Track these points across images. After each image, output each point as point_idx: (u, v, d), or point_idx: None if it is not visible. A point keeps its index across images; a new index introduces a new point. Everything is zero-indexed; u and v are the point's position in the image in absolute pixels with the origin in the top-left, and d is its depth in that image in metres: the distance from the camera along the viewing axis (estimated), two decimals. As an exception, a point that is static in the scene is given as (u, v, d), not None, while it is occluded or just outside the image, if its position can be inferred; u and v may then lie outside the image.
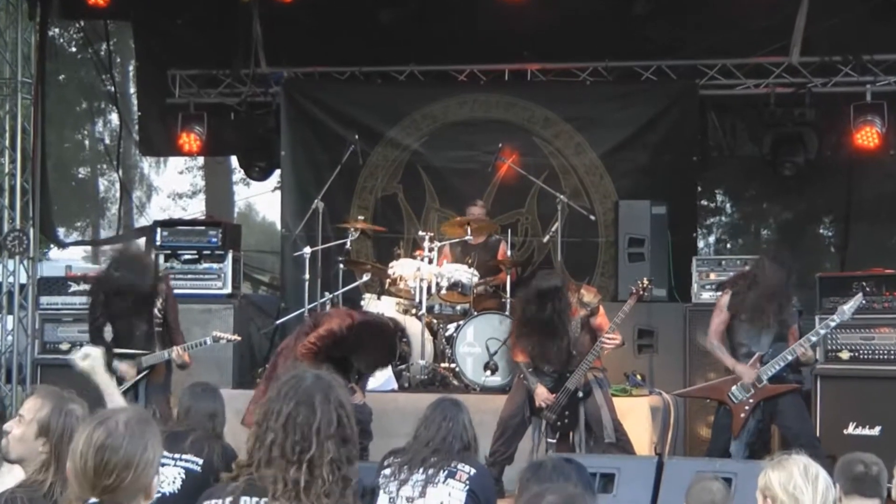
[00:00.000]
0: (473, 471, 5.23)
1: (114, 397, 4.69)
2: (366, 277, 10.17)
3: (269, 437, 2.92)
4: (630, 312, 7.88)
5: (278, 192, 12.82)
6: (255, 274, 14.75)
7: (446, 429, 5.26)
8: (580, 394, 7.69)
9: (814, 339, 7.51)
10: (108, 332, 8.02)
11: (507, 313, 9.50)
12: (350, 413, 2.99)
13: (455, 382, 9.34)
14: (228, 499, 2.94)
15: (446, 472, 5.18)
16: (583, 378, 7.68)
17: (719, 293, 8.02)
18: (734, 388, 7.52)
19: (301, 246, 10.40)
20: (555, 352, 7.62)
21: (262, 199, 24.51)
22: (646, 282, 7.94)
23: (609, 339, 7.64)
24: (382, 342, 7.81)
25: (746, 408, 7.48)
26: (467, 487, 5.17)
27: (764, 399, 7.49)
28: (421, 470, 5.20)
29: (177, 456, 5.49)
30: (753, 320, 7.48)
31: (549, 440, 7.74)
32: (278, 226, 12.28)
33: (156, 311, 7.96)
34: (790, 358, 7.42)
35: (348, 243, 10.23)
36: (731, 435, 7.49)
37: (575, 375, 7.66)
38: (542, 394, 7.68)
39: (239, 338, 8.38)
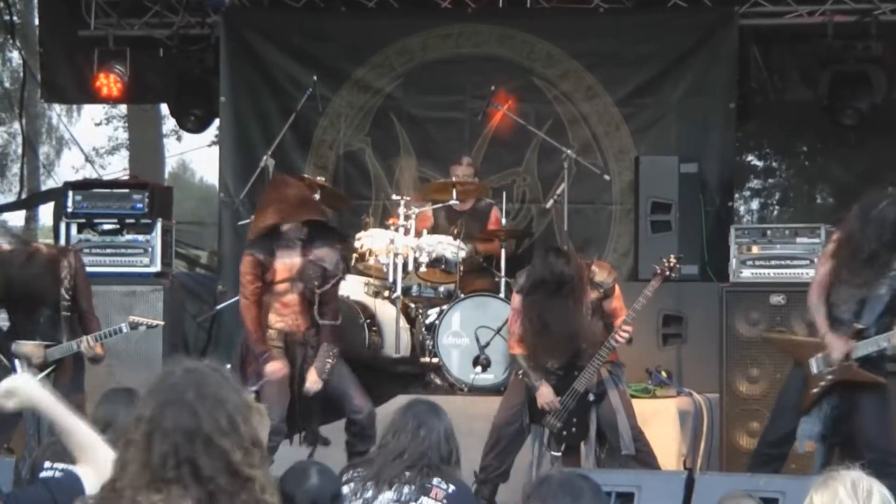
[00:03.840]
0: (452, 488, 5.28)
1: (67, 422, 4.43)
2: (327, 252, 10.16)
3: (131, 451, 2.87)
4: (653, 296, 7.88)
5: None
6: (190, 250, 14.72)
7: (422, 441, 5.31)
8: (591, 396, 7.70)
9: None
10: (2, 319, 8.03)
11: (501, 296, 9.51)
12: (239, 408, 2.93)
13: (438, 381, 9.38)
14: None
15: (419, 488, 5.23)
16: (594, 377, 7.69)
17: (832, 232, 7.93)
18: (818, 356, 7.43)
19: (245, 214, 10.40)
20: (561, 344, 7.62)
21: (198, 155, 24.46)
22: (673, 259, 7.94)
23: (621, 332, 7.63)
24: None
25: (822, 383, 7.39)
26: (444, 507, 5.23)
27: (844, 383, 7.43)
28: (392, 489, 5.25)
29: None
30: (850, 275, 7.36)
31: (554, 453, 7.76)
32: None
33: (62, 290, 7.95)
34: (885, 345, 7.27)
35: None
36: (800, 404, 7.45)
37: (585, 374, 7.66)
38: (546, 395, 7.69)
39: (161, 322, 8.38)
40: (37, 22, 15.19)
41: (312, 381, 7.82)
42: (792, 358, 7.83)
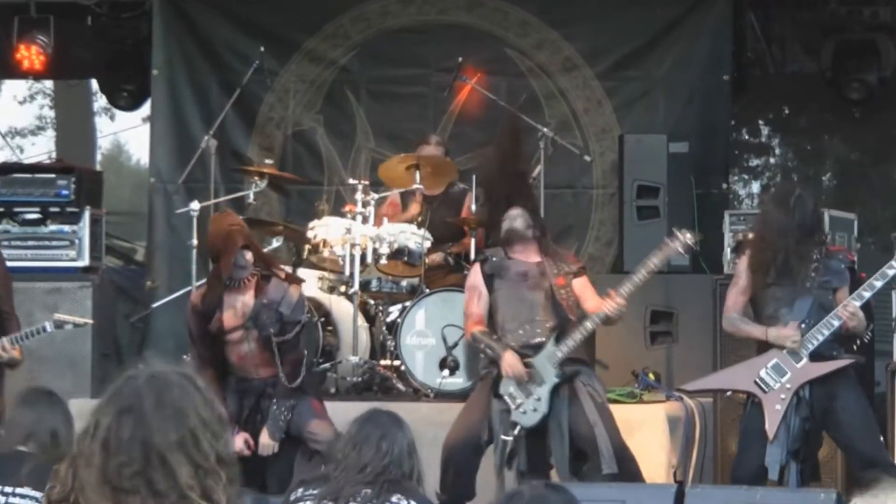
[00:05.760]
0: (414, 504, 5.30)
1: None
2: (276, 243, 10.14)
3: (87, 458, 2.91)
4: (638, 289, 7.92)
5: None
6: (123, 243, 14.66)
7: (385, 455, 5.33)
8: (556, 377, 7.75)
9: (867, 294, 7.46)
10: None
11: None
12: (205, 422, 2.94)
13: (400, 386, 9.35)
14: None
15: (379, 506, 5.24)
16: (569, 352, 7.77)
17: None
18: (763, 370, 7.49)
19: (180, 202, 10.37)
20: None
21: (134, 136, 24.31)
22: (689, 236, 7.96)
23: (616, 300, 7.69)
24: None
25: (783, 396, 7.43)
26: (406, 527, 5.27)
27: (810, 383, 7.46)
28: (353, 507, 5.27)
29: (8, 490, 5.52)
30: (777, 281, 7.48)
31: (504, 437, 7.77)
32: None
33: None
34: (836, 324, 7.40)
35: (250, 196, 10.18)
36: (766, 442, 7.48)
37: (561, 349, 7.74)
38: (511, 361, 7.74)
39: (90, 321, 8.34)
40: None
41: (265, 445, 7.69)
42: (736, 392, 7.92)
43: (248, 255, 7.73)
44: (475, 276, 8.14)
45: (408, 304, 9.51)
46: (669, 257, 7.99)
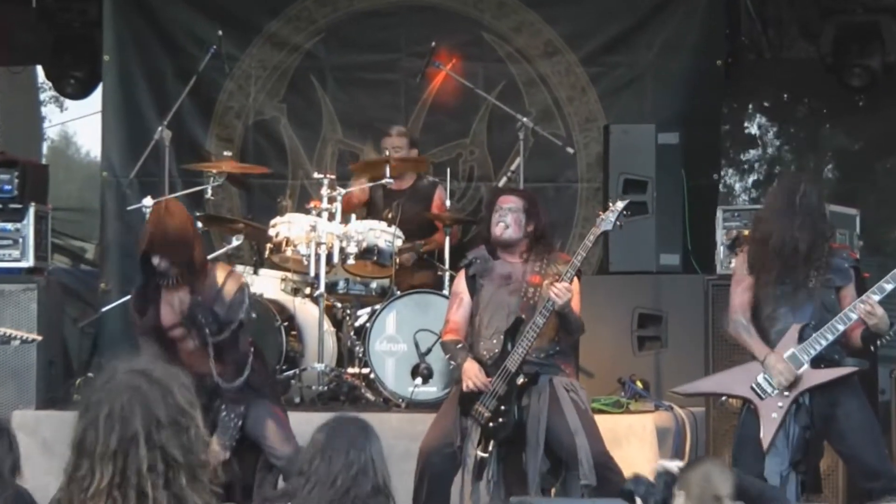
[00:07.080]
0: (387, 521, 5.30)
1: None
2: (235, 242, 10.13)
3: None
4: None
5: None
6: (72, 241, 14.63)
7: (351, 466, 5.30)
8: (521, 378, 7.74)
9: (889, 286, 7.40)
10: None
11: (445, 293, 9.49)
12: (162, 421, 3.13)
13: (369, 395, 9.36)
14: None
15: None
16: (525, 354, 7.76)
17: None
18: (761, 375, 7.51)
19: (133, 197, 10.36)
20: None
21: (84, 127, 24.25)
22: (619, 204, 7.99)
23: (557, 287, 7.68)
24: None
25: (780, 405, 7.45)
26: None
27: (809, 391, 7.48)
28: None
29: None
30: (778, 279, 7.50)
31: (482, 453, 7.78)
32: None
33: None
34: (841, 328, 7.41)
35: (208, 191, 10.18)
36: (761, 451, 7.49)
37: (517, 351, 7.74)
38: (471, 371, 7.78)
39: (39, 337, 8.29)
40: None
41: (215, 453, 7.58)
42: (731, 398, 7.99)
43: (157, 261, 7.64)
44: (459, 281, 8.17)
45: (377, 307, 9.51)
46: (605, 231, 8.02)
